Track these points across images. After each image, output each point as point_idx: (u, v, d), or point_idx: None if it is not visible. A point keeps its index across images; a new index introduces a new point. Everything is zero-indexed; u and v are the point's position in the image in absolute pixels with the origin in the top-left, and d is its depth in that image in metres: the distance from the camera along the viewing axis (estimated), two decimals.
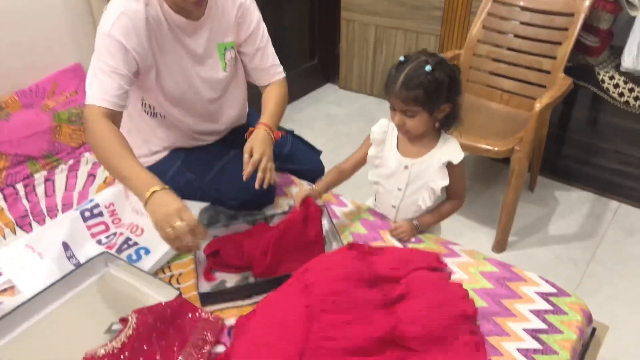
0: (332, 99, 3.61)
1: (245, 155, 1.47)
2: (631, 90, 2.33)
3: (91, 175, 1.81)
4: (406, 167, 1.44)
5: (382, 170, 1.51)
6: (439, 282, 1.28)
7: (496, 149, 2.13)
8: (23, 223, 1.59)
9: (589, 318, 1.27)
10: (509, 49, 2.45)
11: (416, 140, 1.43)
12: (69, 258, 1.41)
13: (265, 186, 1.45)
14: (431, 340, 1.14)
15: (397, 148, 1.47)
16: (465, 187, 1.52)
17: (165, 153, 1.65)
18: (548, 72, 2.33)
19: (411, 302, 1.19)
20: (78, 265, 1.36)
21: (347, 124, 3.30)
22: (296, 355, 1.06)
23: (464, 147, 2.18)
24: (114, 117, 1.36)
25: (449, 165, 1.41)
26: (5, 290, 1.34)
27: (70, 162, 1.87)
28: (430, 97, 1.30)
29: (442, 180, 1.41)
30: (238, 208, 1.57)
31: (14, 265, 1.38)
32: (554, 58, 2.30)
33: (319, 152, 1.93)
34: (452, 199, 1.52)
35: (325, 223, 1.55)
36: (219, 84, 1.61)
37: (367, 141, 1.52)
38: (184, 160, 1.64)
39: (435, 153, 1.42)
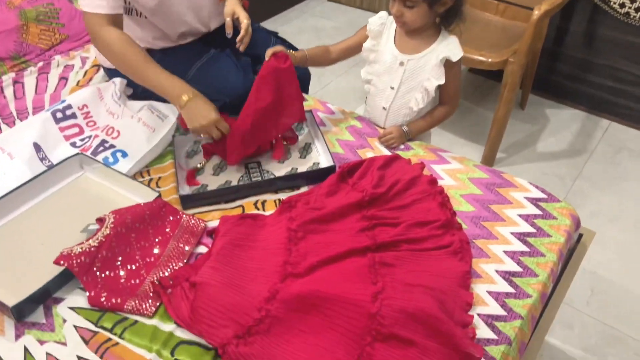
0: (320, 12, 3.44)
1: (227, 19, 1.50)
2: (633, 0, 2.22)
3: (63, 79, 1.70)
4: (402, 64, 1.37)
5: (376, 67, 1.44)
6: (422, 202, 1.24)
7: (490, 60, 2.05)
8: None
9: (577, 223, 1.25)
10: None
11: (414, 35, 1.35)
12: (41, 159, 1.34)
13: (242, 49, 1.51)
14: (410, 247, 1.12)
15: (394, 43, 1.38)
16: (459, 92, 1.45)
17: None
18: None
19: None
20: (51, 167, 1.30)
21: (336, 38, 3.15)
22: (278, 280, 1.03)
23: None
24: (118, 20, 1.35)
25: (447, 64, 1.34)
26: None
27: (40, 64, 1.75)
28: None
29: (438, 79, 1.34)
30: (220, 110, 1.49)
31: None
32: None
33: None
34: (445, 103, 1.45)
35: (311, 130, 1.49)
36: None
37: (362, 31, 1.44)
38: (160, 60, 1.53)
39: (433, 50, 1.34)
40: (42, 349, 0.97)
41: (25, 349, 0.97)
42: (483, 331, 1.00)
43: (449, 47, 1.32)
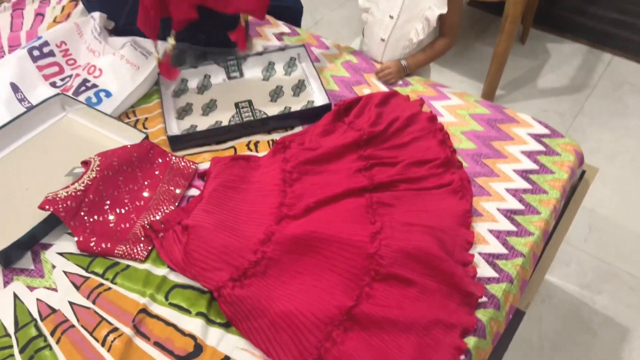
0: None
1: None
2: None
3: (39, 15, 1.59)
4: None
5: None
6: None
7: None
8: None
9: (580, 159, 1.22)
10: None
11: None
12: (19, 100, 1.27)
13: None
14: (409, 186, 1.08)
15: None
16: (459, 23, 1.37)
17: None
18: None
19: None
20: (31, 108, 1.23)
21: None
22: (273, 222, 1.00)
23: None
24: None
25: None
26: None
27: (14, 0, 1.64)
28: None
29: (440, 8, 1.26)
30: (206, 45, 1.41)
31: None
32: None
33: None
34: (445, 35, 1.38)
35: (304, 66, 1.41)
36: None
37: None
38: None
39: None
40: (32, 295, 0.95)
41: (15, 296, 0.94)
42: (484, 270, 0.98)
43: None
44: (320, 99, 1.31)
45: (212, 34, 1.40)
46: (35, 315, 0.92)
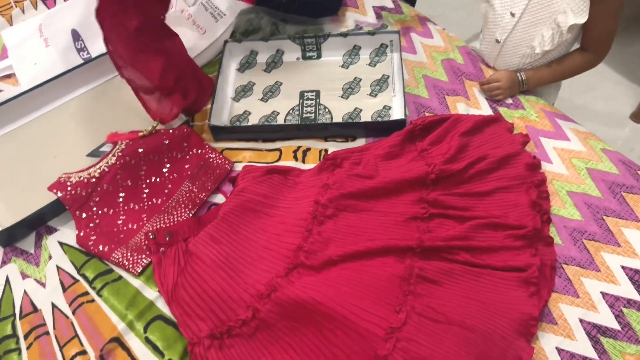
0: None
1: None
2: None
3: None
4: None
5: None
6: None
7: None
8: None
9: None
10: None
11: None
12: (78, 50, 1.19)
13: None
14: (469, 258, 0.83)
15: None
16: (612, 38, 1.01)
17: None
18: None
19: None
20: (87, 61, 1.14)
21: None
22: (283, 271, 0.82)
23: None
24: None
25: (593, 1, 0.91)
26: (8, 76, 1.18)
27: None
28: None
29: (577, 15, 0.92)
30: (286, 10, 1.19)
31: (20, 48, 1.19)
32: None
33: None
34: (586, 49, 1.03)
35: (393, 57, 1.15)
36: None
37: None
38: None
39: None
40: (22, 284, 0.89)
41: (7, 281, 0.90)
42: None
43: None
44: (397, 109, 1.07)
45: None
46: (17, 310, 0.86)
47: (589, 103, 1.80)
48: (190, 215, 0.94)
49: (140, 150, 0.97)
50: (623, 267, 0.85)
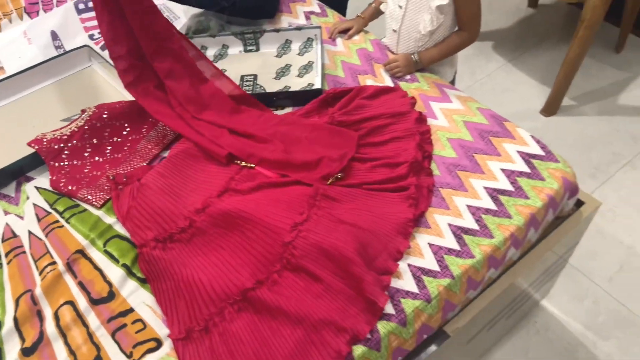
0: None
1: None
2: None
3: None
4: None
5: None
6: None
7: None
8: (32, 10, 1.60)
9: (571, 189, 1.10)
10: None
11: None
12: (56, 47, 1.42)
13: None
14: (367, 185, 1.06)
15: None
16: (479, 15, 1.27)
17: None
18: None
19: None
20: (61, 55, 1.37)
21: None
22: (215, 194, 1.04)
23: None
24: None
25: None
26: None
27: None
28: None
29: None
30: (230, 14, 1.45)
31: (8, 47, 1.42)
32: None
33: None
34: (461, 29, 1.29)
35: (319, 48, 1.41)
36: None
37: None
38: None
39: None
40: (4, 219, 1.09)
41: None
42: (407, 283, 0.95)
43: None
44: (317, 84, 1.31)
45: (235, 3, 1.44)
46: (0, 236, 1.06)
47: (507, 102, 2.08)
48: (144, 164, 1.16)
49: (104, 115, 1.20)
50: (485, 188, 1.08)
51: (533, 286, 1.28)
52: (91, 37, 1.48)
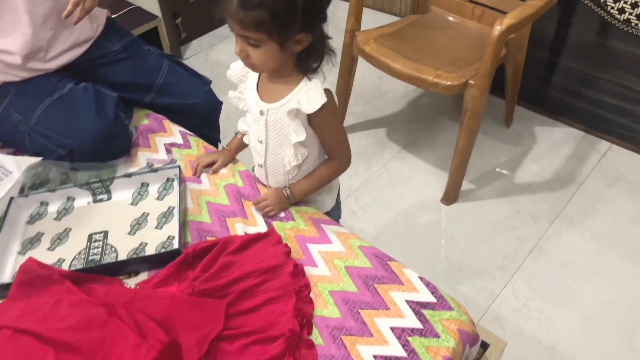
0: None
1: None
2: (635, 5, 1.82)
3: None
4: (262, 113, 1.10)
5: (248, 117, 1.18)
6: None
7: (447, 82, 1.72)
8: None
9: (470, 340, 0.97)
10: None
11: (274, 79, 1.08)
12: None
13: (74, 23, 1.19)
14: None
15: (257, 88, 1.12)
16: (345, 142, 1.15)
17: None
18: None
19: None
20: None
21: None
22: None
23: (405, 77, 1.80)
24: None
25: (310, 117, 1.06)
26: None
27: None
28: (277, 21, 0.93)
29: (297, 135, 1.06)
30: (71, 160, 1.26)
31: None
32: None
33: (208, 82, 1.56)
34: (329, 158, 1.17)
35: (174, 189, 1.24)
36: None
37: None
38: (14, 95, 1.32)
39: (292, 98, 1.06)
40: None
41: None
42: None
43: (308, 94, 1.04)
44: (177, 239, 1.13)
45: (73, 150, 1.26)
46: None
47: (406, 193, 1.99)
48: None
49: None
50: (375, 357, 0.92)
51: None
52: None
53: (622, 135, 2.12)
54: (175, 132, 1.41)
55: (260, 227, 1.16)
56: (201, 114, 1.53)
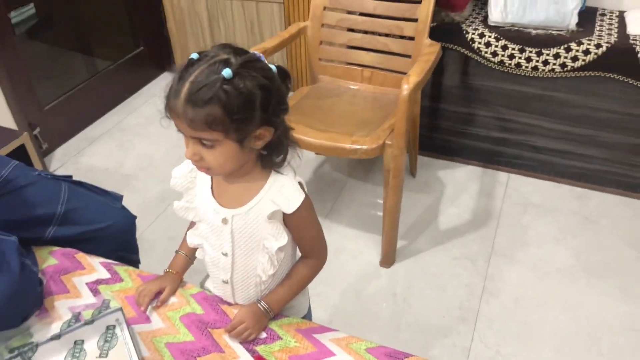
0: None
1: None
2: (504, 47, 1.98)
3: None
4: (225, 221, 0.94)
5: (203, 228, 1.00)
6: None
7: (365, 147, 1.69)
8: None
9: None
10: (362, 14, 1.99)
11: (234, 180, 0.93)
12: None
13: None
14: None
15: (212, 193, 0.95)
16: (322, 237, 1.04)
17: None
18: (412, 38, 1.91)
19: None
20: None
21: None
22: None
23: (321, 149, 1.75)
24: None
25: (285, 216, 0.92)
26: None
27: None
28: (233, 117, 0.79)
29: (277, 239, 0.92)
30: None
31: None
32: (416, 20, 1.88)
33: (119, 197, 1.34)
34: (306, 257, 1.04)
35: (126, 336, 1.00)
36: None
37: None
38: None
39: (262, 199, 0.92)
40: None
41: None
42: None
43: (282, 192, 0.91)
44: None
45: None
46: None
47: (345, 264, 1.89)
48: None
49: None
50: None
51: None
52: None
53: (515, 164, 2.27)
54: (96, 266, 1.16)
55: (243, 357, 0.97)
56: (117, 236, 1.29)
